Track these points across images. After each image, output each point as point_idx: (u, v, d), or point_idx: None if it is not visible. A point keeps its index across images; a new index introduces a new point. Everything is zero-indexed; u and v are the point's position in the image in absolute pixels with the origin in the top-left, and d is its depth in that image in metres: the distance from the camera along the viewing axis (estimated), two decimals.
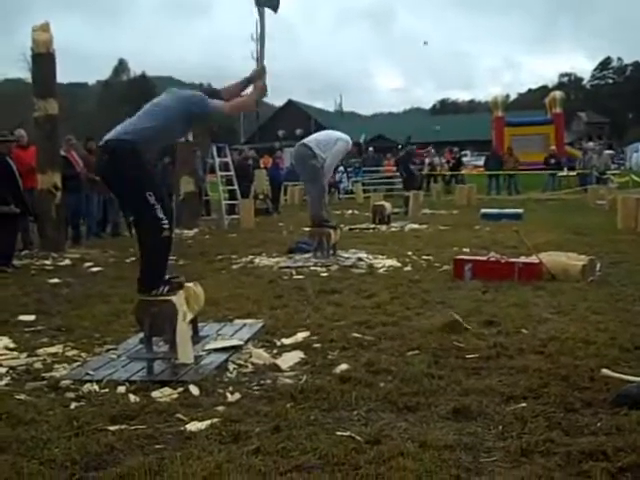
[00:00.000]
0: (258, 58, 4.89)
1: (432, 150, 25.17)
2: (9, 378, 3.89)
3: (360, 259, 8.21)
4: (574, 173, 23.65)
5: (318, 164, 8.30)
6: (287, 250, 9.08)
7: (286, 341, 4.51)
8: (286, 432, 2.92)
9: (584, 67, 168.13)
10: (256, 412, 3.19)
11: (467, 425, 3.00)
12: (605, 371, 3.51)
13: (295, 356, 4.15)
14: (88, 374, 3.84)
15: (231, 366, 4.01)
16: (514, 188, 22.24)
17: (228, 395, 3.48)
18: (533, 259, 6.68)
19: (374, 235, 11.46)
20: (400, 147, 27.31)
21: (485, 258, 7.00)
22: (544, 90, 57.86)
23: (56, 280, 7.25)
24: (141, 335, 4.13)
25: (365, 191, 22.66)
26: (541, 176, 23.30)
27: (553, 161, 23.45)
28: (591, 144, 30.89)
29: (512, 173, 22.46)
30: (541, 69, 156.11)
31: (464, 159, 30.79)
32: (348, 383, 3.57)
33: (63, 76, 12.79)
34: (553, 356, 3.97)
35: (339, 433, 2.91)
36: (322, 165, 8.34)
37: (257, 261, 8.46)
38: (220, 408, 3.28)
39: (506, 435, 2.87)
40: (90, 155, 11.01)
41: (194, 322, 4.43)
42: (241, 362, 4.08)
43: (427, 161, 24.01)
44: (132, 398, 3.44)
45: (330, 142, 8.48)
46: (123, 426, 3.05)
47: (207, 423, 3.05)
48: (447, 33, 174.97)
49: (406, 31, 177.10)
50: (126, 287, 6.17)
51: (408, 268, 7.61)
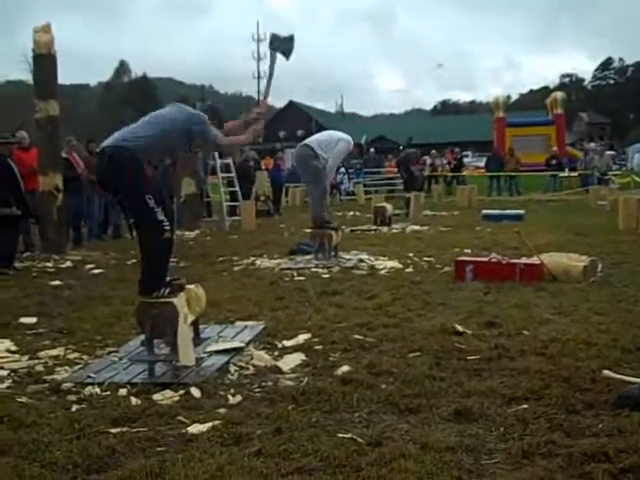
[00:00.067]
0: (263, 94, 5.20)
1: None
2: (10, 381, 3.89)
3: (361, 260, 8.20)
4: (575, 174, 23.59)
5: (320, 165, 8.27)
6: (288, 252, 9.07)
7: (287, 343, 4.51)
8: (287, 434, 2.92)
9: (585, 67, 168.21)
10: (257, 414, 3.19)
11: (468, 427, 3.00)
12: (607, 372, 3.50)
13: (296, 358, 4.15)
14: (89, 377, 3.84)
15: (232, 368, 4.01)
16: (515, 189, 22.22)
17: (229, 397, 3.48)
18: (534, 260, 6.67)
19: (375, 236, 11.45)
20: (402, 148, 27.21)
21: (486, 259, 6.99)
22: (545, 91, 57.95)
23: (57, 282, 7.26)
24: (142, 337, 4.14)
25: (366, 192, 22.60)
26: (542, 177, 23.28)
27: (554, 162, 23.37)
28: (592, 145, 30.80)
29: (513, 174, 22.42)
30: (542, 69, 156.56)
31: (465, 160, 30.75)
32: (349, 385, 3.57)
33: (64, 77, 12.83)
34: (554, 357, 3.97)
35: (340, 435, 2.91)
36: (324, 166, 8.30)
37: (258, 263, 8.45)
38: (221, 410, 3.28)
39: (507, 437, 2.87)
40: (91, 157, 10.97)
41: (195, 324, 4.43)
42: (242, 364, 4.09)
43: (428, 162, 23.96)
44: (133, 401, 3.45)
45: (332, 142, 8.45)
46: (124, 429, 3.06)
47: (208, 425, 3.05)
48: (447, 33, 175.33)
49: (406, 32, 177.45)
50: (127, 289, 6.17)
51: (409, 269, 7.61)
